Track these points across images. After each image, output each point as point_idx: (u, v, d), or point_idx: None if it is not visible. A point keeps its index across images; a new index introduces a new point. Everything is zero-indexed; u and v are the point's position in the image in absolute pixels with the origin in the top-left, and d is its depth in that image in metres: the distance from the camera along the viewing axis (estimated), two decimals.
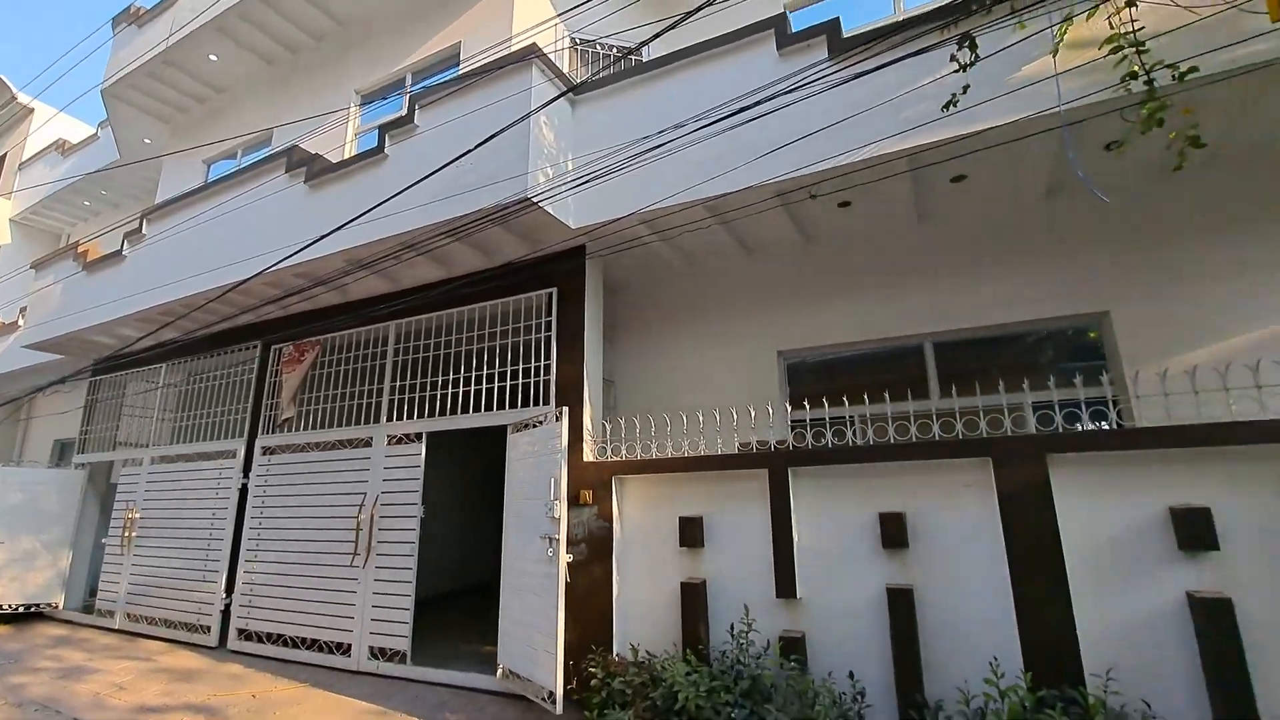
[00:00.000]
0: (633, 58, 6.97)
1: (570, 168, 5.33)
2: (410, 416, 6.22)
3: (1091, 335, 4.86)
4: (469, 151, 4.99)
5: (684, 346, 6.25)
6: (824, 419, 4.27)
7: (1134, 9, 3.43)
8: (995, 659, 3.36)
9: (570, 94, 5.52)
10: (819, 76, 4.21)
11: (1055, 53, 3.80)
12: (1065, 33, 3.76)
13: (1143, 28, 3.45)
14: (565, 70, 6.98)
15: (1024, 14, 3.70)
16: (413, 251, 5.64)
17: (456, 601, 8.78)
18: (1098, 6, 3.57)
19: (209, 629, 6.68)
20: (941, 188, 4.89)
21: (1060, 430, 3.65)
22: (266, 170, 6.83)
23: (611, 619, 4.63)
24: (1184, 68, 3.27)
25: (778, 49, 4.74)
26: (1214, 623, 3.11)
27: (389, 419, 6.34)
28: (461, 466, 9.72)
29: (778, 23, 4.82)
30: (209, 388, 8.10)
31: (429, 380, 6.19)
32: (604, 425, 5.26)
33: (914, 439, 3.98)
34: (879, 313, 5.41)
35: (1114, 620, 3.35)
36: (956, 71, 3.64)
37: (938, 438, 3.92)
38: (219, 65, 9.51)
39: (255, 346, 7.62)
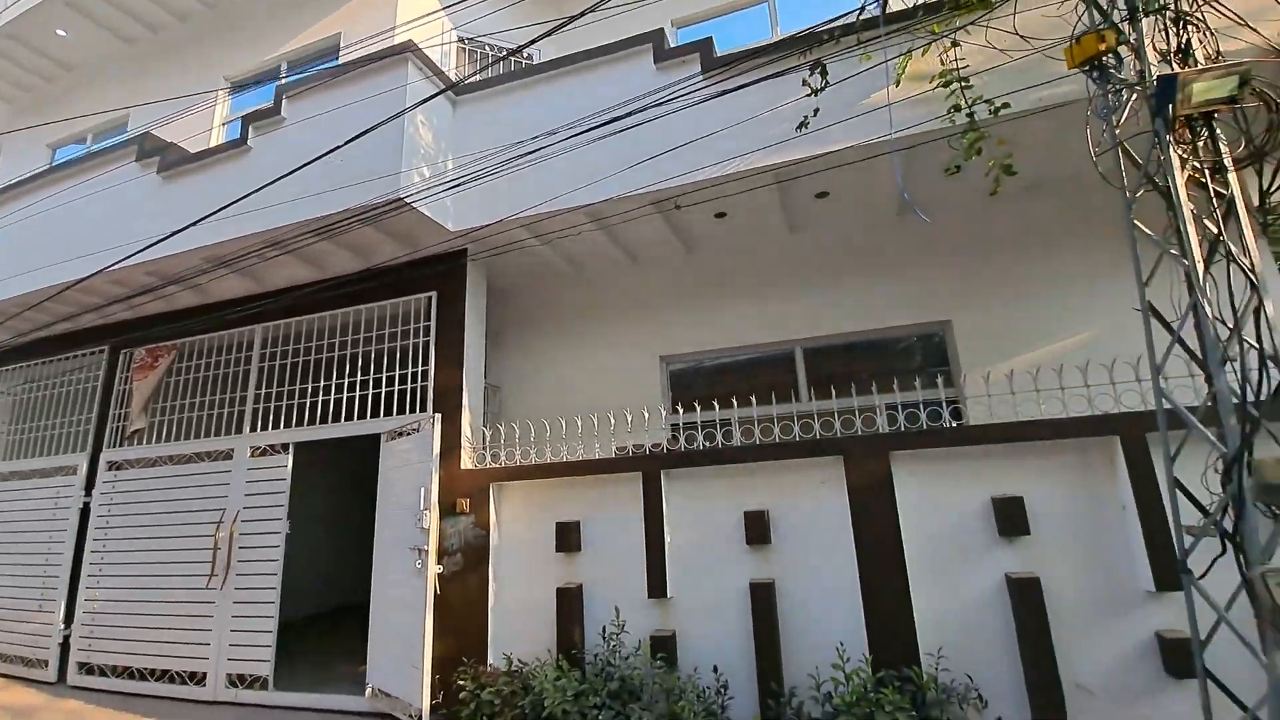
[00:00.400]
0: (519, 60, 6.93)
1: (450, 169, 5.22)
2: (276, 426, 5.84)
3: (936, 341, 5.30)
4: (339, 147, 4.78)
5: (571, 352, 6.26)
6: (703, 422, 4.42)
7: (958, 48, 3.81)
8: (841, 644, 3.58)
9: (450, 94, 5.41)
10: (690, 90, 4.36)
11: (897, 83, 4.14)
12: (905, 66, 4.12)
13: (967, 65, 3.83)
14: (452, 68, 6.85)
15: (869, 46, 3.98)
16: (277, 250, 5.32)
17: (332, 621, 8.29)
18: (930, 45, 3.92)
19: (46, 663, 5.97)
20: (808, 203, 5.19)
21: (902, 429, 3.95)
22: (116, 158, 6.23)
23: (487, 629, 4.54)
24: (999, 103, 3.66)
25: (655, 62, 4.87)
26: (1025, 599, 3.47)
27: (253, 429, 5.93)
28: (340, 479, 9.19)
29: (655, 37, 4.95)
30: (48, 396, 7.25)
31: (298, 388, 5.84)
32: (484, 432, 5.16)
33: (777, 440, 4.19)
34: (755, 320, 5.65)
35: (946, 603, 3.66)
36: (810, 95, 3.89)
37: (798, 439, 4.14)
38: (69, 42, 8.59)
39: (102, 350, 6.91)
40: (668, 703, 3.72)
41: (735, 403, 4.51)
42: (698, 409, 4.43)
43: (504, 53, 6.91)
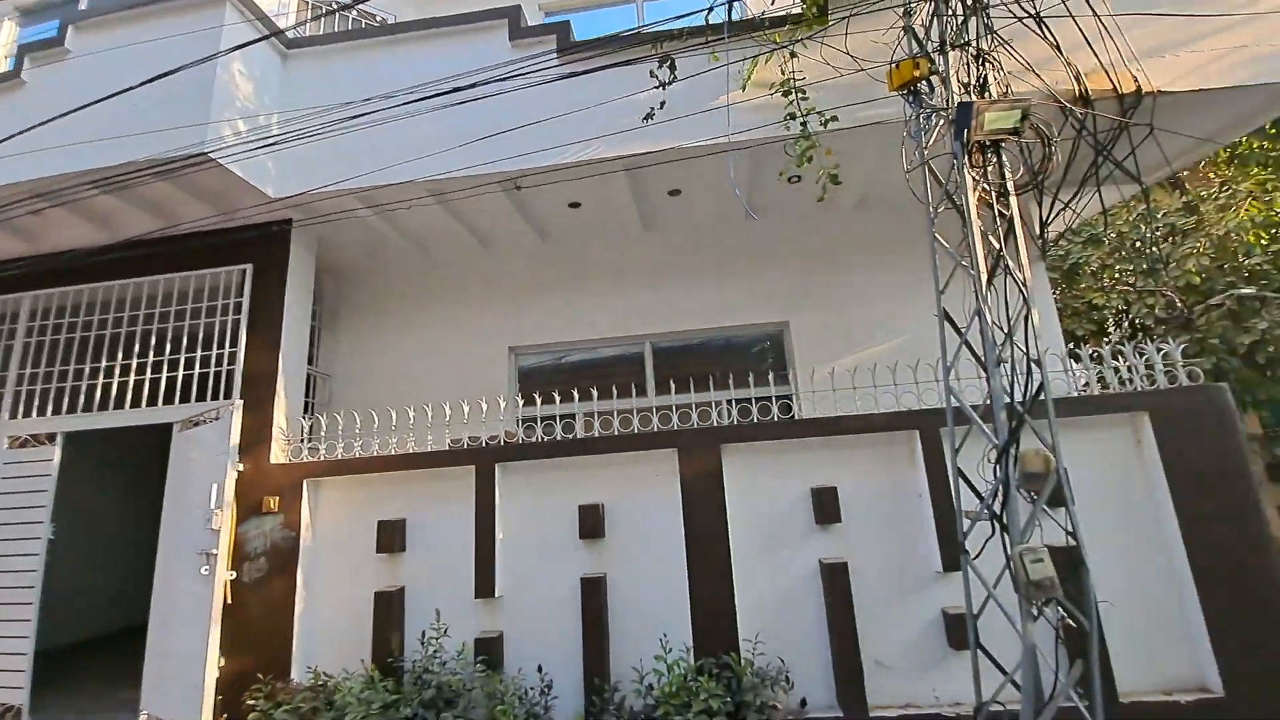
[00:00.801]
0: (366, 20, 6.42)
1: (274, 127, 4.67)
2: (44, 412, 4.92)
3: (776, 341, 5.56)
4: (132, 89, 4.12)
5: (415, 340, 5.85)
6: (549, 416, 4.27)
7: (796, 59, 4.00)
8: (665, 635, 3.59)
9: (279, 43, 4.86)
10: (543, 68, 4.22)
11: (743, 88, 4.26)
12: (751, 73, 4.25)
13: (804, 78, 4.02)
14: (291, 16, 6.18)
15: (715, 47, 4.06)
16: (48, 203, 4.48)
17: (115, 643, 7.11)
18: (771, 53, 4.08)
19: None
20: (662, 201, 5.23)
21: (736, 423, 4.06)
22: None
23: (292, 641, 4.08)
24: (829, 115, 3.87)
25: (510, 39, 4.67)
26: (835, 583, 3.67)
27: (12, 415, 4.95)
28: (133, 479, 7.86)
29: (513, 13, 4.75)
30: None
31: (74, 368, 4.96)
32: (302, 423, 4.67)
33: (615, 433, 4.14)
34: (607, 314, 5.61)
35: (767, 589, 3.79)
36: (657, 88, 3.89)
37: (636, 431, 4.12)
38: None
39: None
40: (488, 707, 3.53)
41: (583, 396, 4.41)
42: (538, 401, 4.28)
43: (343, 4, 6.32)
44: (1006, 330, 3.16)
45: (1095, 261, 7.35)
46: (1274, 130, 7.05)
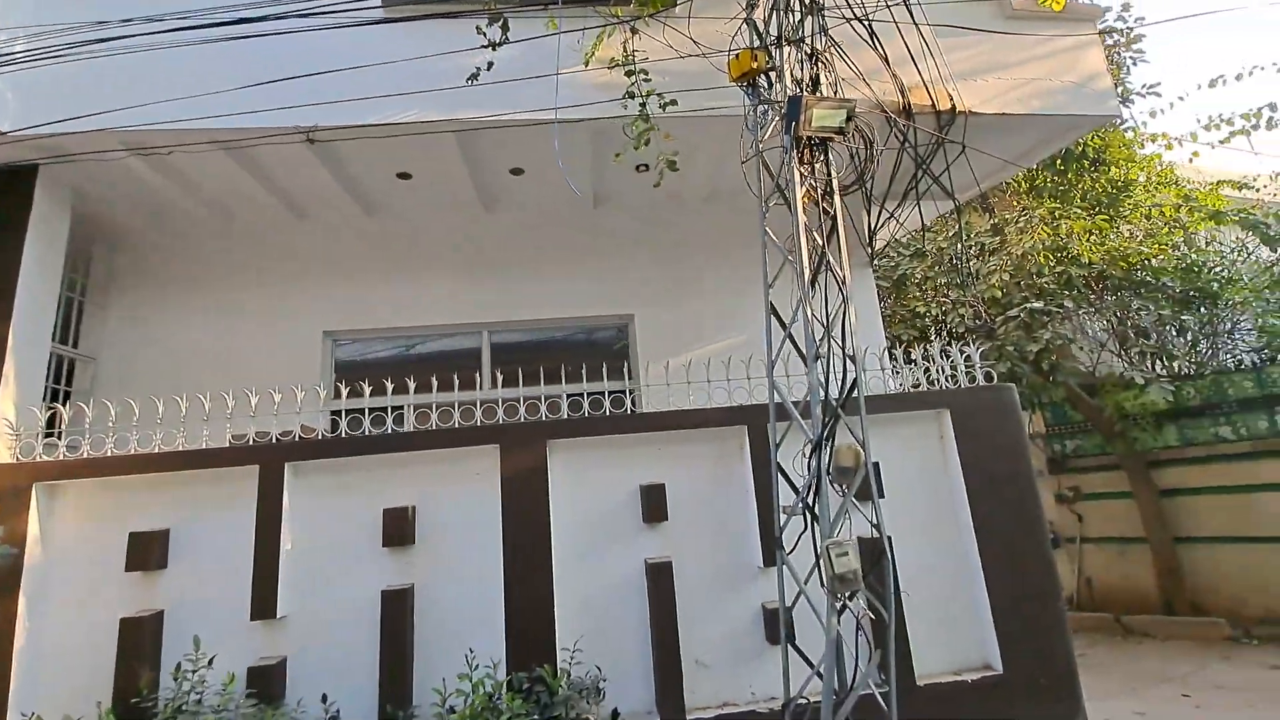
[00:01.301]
0: None
1: (18, 47, 3.76)
2: None
3: (621, 334, 5.42)
4: None
5: (210, 321, 5.03)
6: (374, 408, 3.74)
7: (638, 36, 3.84)
8: (470, 651, 3.25)
9: None
10: (358, 7, 3.71)
11: (586, 64, 4.04)
12: (596, 48, 4.04)
13: (646, 58, 3.87)
14: None
15: (553, 12, 3.80)
16: None
17: None
18: (614, 28, 3.89)
19: None
20: (504, 180, 4.88)
21: (566, 417, 3.82)
22: None
23: (9, 680, 3.27)
24: (669, 99, 3.75)
25: None
26: (659, 583, 3.54)
27: None
28: None
29: None
30: None
31: None
32: (37, 414, 3.79)
33: (434, 427, 3.74)
34: (442, 299, 5.16)
35: (591, 593, 3.58)
36: (486, 47, 3.55)
37: (457, 425, 3.75)
38: None
39: None
40: None
41: (409, 389, 3.94)
42: (342, 393, 3.76)
43: None
44: (825, 325, 3.20)
45: (920, 273, 8.00)
46: (1061, 166, 8.08)
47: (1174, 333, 7.88)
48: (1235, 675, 5.81)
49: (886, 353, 4.54)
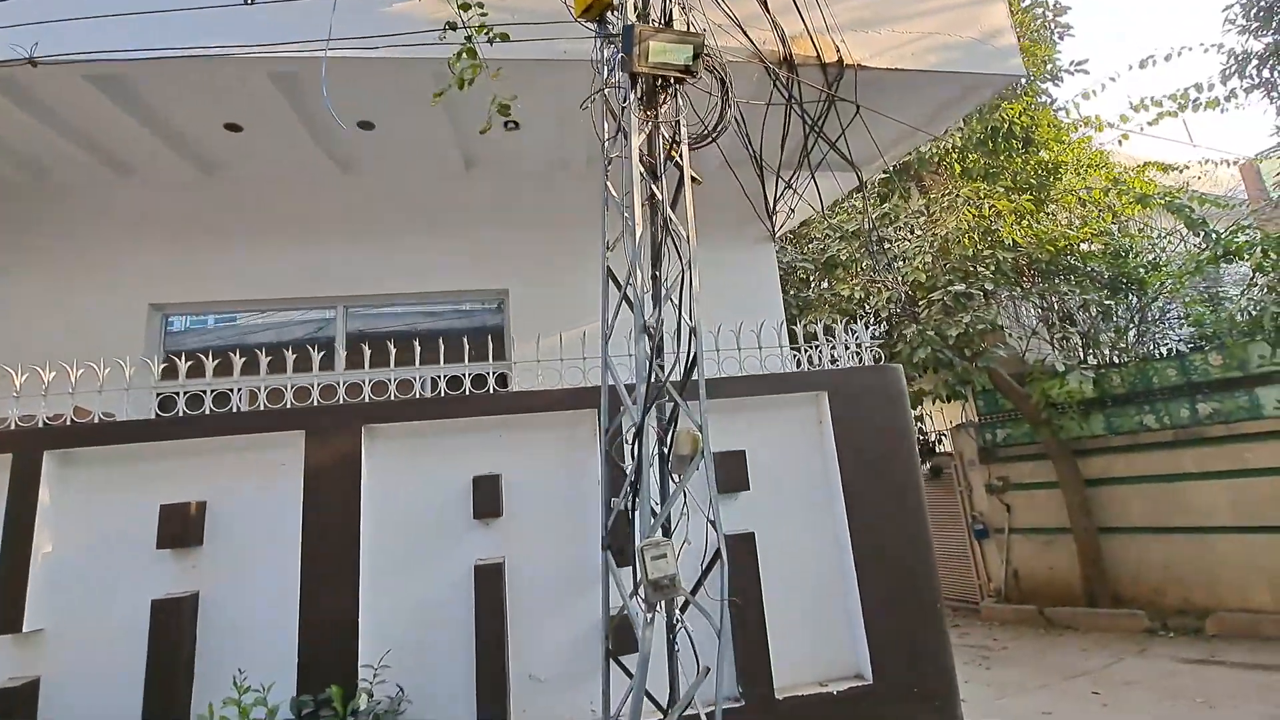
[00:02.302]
0: None
1: None
2: None
3: (494, 309, 4.94)
4: None
5: (13, 289, 4.41)
6: (185, 391, 3.23)
7: None
8: (241, 671, 2.76)
9: None
10: None
11: None
12: None
13: None
14: None
15: None
16: None
17: None
18: None
19: None
20: (357, 137, 4.35)
21: (391, 399, 3.34)
22: None
23: None
24: (499, 33, 3.26)
25: None
26: (487, 587, 3.11)
27: None
28: None
29: None
30: None
31: None
32: None
33: (234, 410, 3.24)
34: (290, 270, 4.61)
35: (407, 600, 3.13)
36: None
37: (263, 408, 3.26)
38: None
39: None
40: None
41: (243, 369, 3.41)
42: (177, 371, 3.23)
43: None
44: (659, 291, 2.78)
45: (845, 255, 7.67)
46: (992, 146, 7.81)
47: (1102, 319, 7.69)
48: (1147, 670, 5.62)
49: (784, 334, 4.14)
